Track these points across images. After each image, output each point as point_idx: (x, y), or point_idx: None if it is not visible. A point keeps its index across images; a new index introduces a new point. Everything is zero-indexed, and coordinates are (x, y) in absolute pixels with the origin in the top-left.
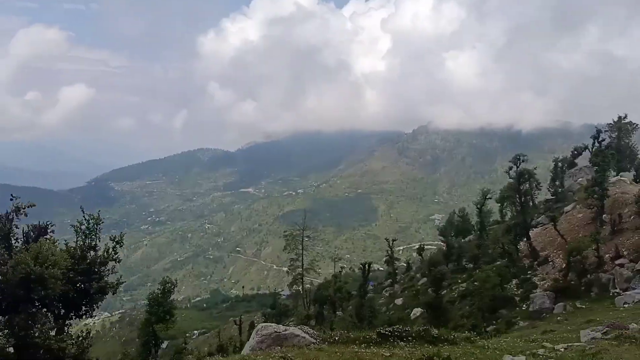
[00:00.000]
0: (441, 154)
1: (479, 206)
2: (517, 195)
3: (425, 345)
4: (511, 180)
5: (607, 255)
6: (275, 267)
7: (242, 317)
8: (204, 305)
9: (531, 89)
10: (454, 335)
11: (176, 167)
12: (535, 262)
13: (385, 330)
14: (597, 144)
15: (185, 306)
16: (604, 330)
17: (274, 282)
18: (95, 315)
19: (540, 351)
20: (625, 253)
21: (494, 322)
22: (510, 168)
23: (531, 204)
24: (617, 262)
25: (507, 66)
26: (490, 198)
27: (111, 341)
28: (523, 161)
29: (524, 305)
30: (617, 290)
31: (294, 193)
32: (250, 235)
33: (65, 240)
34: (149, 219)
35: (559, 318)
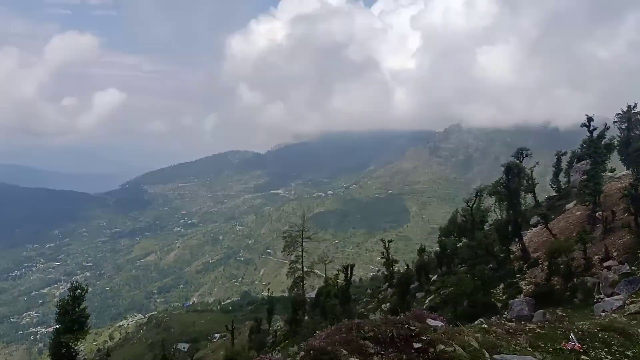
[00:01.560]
0: (474, 153)
1: (469, 204)
2: (507, 192)
3: None
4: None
5: (595, 257)
6: (306, 269)
7: (233, 321)
8: (229, 307)
9: (568, 83)
10: None
11: (207, 170)
12: (525, 265)
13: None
14: (588, 134)
15: (214, 308)
16: None
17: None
18: (129, 318)
19: None
20: (614, 254)
21: None
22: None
23: (523, 201)
24: (605, 264)
25: (543, 60)
26: (483, 195)
27: (138, 343)
28: (526, 155)
29: (505, 312)
30: (601, 296)
31: (323, 194)
32: (280, 237)
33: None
34: (181, 221)
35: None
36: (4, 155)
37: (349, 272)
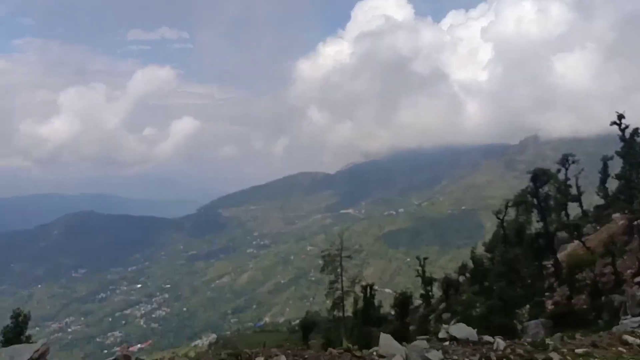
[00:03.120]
0: (552, 165)
1: (499, 216)
2: (536, 201)
3: None
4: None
5: (628, 272)
6: (377, 288)
7: (265, 344)
8: (295, 328)
9: None
10: None
11: (278, 192)
12: (556, 282)
13: None
14: (619, 133)
15: (283, 328)
16: None
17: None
18: (204, 338)
19: None
20: None
21: None
22: (558, 171)
23: (552, 211)
24: (637, 279)
25: (623, 63)
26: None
27: None
28: (573, 162)
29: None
30: (628, 317)
31: (394, 212)
32: (352, 257)
33: None
34: (254, 242)
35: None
36: (92, 185)
37: (368, 292)
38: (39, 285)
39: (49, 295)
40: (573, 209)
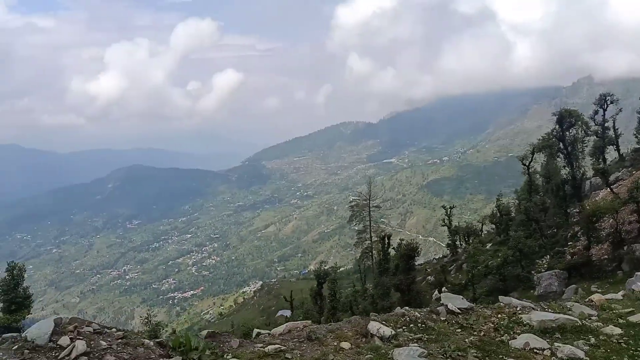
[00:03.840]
0: (608, 107)
1: (524, 162)
2: (562, 145)
3: None
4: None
5: None
6: (421, 237)
7: (292, 292)
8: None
9: None
10: None
11: (320, 143)
12: (580, 231)
13: None
14: None
15: None
16: None
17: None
18: (252, 285)
19: None
20: None
21: None
22: (596, 112)
23: (580, 155)
24: None
25: None
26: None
27: (252, 308)
28: (612, 102)
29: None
30: None
31: (438, 161)
32: (394, 206)
33: None
34: (297, 193)
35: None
36: (141, 140)
37: (385, 243)
38: (98, 236)
39: (107, 244)
40: (613, 153)
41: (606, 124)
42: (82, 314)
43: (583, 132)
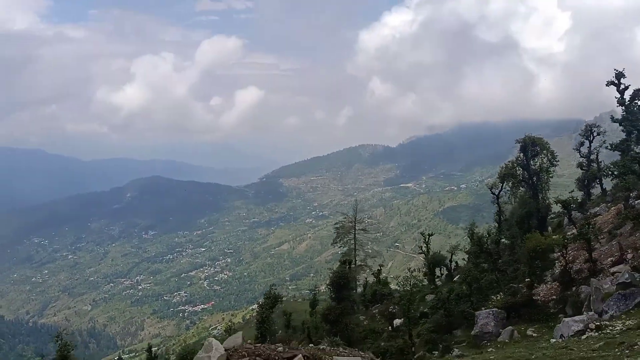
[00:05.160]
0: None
1: (493, 191)
2: (527, 174)
3: None
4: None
5: (609, 259)
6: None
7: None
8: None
9: None
10: None
11: (338, 163)
12: (540, 267)
13: None
14: (618, 96)
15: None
16: None
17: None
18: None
19: None
20: (629, 256)
21: (442, 345)
22: (581, 144)
23: (545, 186)
24: (613, 269)
25: None
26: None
27: (255, 325)
28: (598, 134)
29: None
30: (591, 313)
31: (455, 188)
32: (409, 231)
33: None
34: (313, 213)
35: (491, 350)
36: (162, 151)
37: (346, 267)
38: (113, 244)
39: (122, 253)
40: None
41: (591, 157)
42: (92, 322)
43: (548, 162)
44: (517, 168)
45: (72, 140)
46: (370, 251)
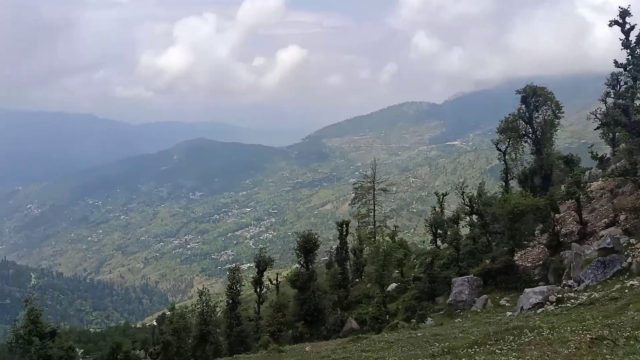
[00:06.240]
0: None
1: (499, 147)
2: (530, 128)
3: None
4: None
5: (602, 221)
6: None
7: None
8: None
9: None
10: None
11: (382, 122)
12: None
13: None
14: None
15: None
16: None
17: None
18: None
19: None
20: (622, 218)
21: (419, 312)
22: (607, 94)
23: (549, 141)
24: (603, 232)
25: None
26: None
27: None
28: (625, 83)
29: None
30: (569, 282)
31: None
32: (455, 190)
33: None
34: (356, 172)
35: (458, 320)
36: (205, 113)
37: (343, 230)
38: (162, 205)
39: (170, 214)
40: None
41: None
42: (145, 279)
43: (552, 114)
44: (519, 121)
45: (120, 104)
46: (388, 211)
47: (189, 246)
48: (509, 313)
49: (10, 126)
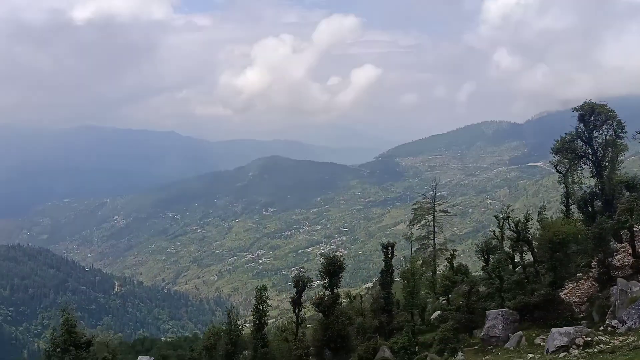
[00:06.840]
0: None
1: (559, 169)
2: (590, 150)
3: None
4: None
5: None
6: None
7: None
8: None
9: None
10: None
11: (459, 142)
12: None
13: None
14: None
15: None
16: None
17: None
18: (375, 281)
19: None
20: None
21: (451, 345)
22: None
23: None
24: None
25: None
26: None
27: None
28: None
29: None
30: (613, 322)
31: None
32: (537, 212)
33: None
34: (430, 192)
35: (486, 358)
36: (281, 132)
37: (389, 253)
38: (237, 220)
39: (244, 228)
40: None
41: None
42: (219, 292)
43: (614, 133)
44: (577, 141)
45: (200, 122)
46: (448, 234)
47: (260, 261)
48: (530, 355)
49: (100, 142)
